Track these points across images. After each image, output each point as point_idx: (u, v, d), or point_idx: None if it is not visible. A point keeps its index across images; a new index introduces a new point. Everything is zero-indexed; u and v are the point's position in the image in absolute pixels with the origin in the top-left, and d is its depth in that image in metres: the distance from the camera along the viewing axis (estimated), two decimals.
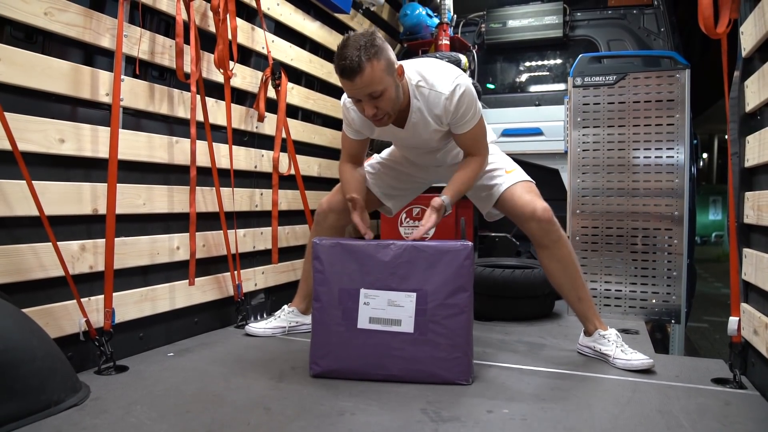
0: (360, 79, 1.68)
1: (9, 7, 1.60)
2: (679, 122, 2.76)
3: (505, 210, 2.09)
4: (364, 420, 1.47)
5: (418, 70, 1.87)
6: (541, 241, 2.03)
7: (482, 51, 4.21)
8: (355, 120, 1.99)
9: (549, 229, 2.00)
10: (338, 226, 2.23)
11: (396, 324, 1.75)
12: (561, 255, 2.03)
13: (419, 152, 2.13)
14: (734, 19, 1.69)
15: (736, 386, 1.76)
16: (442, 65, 1.90)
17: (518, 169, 2.13)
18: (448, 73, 1.85)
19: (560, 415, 1.52)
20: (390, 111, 1.79)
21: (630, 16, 3.90)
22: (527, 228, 2.03)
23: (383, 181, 2.22)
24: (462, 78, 1.84)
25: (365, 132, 2.03)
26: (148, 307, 2.10)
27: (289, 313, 2.36)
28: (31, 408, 1.41)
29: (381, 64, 1.69)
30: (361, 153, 2.13)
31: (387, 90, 1.74)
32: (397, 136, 1.99)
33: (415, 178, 2.27)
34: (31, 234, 1.68)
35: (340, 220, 2.21)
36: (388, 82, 1.73)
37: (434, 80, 1.84)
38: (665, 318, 2.79)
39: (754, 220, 1.77)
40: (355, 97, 1.77)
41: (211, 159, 2.32)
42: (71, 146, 1.80)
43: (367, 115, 1.78)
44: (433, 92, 1.84)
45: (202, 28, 2.32)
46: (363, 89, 1.71)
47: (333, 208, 2.20)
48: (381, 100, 1.74)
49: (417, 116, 1.88)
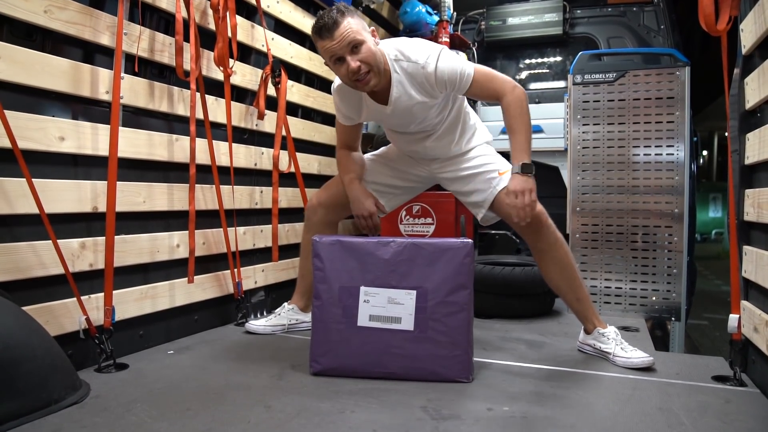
0: (338, 31, 1.75)
1: (9, 5, 1.60)
2: (679, 119, 2.76)
3: (500, 213, 2.05)
4: (364, 418, 1.47)
5: (395, 46, 1.91)
6: (537, 244, 2.03)
7: (482, 48, 4.20)
8: (342, 105, 2.04)
9: (545, 232, 1.99)
10: (328, 221, 2.23)
11: (396, 322, 1.75)
12: (558, 257, 2.02)
13: (410, 139, 2.12)
14: (734, 16, 1.69)
15: (736, 384, 1.76)
16: (418, 40, 1.94)
17: (509, 172, 2.08)
18: (422, 45, 1.91)
19: (561, 413, 1.52)
20: (372, 66, 1.81)
21: (630, 13, 3.89)
22: (522, 231, 2.02)
23: (376, 176, 2.21)
24: (435, 47, 1.89)
25: (354, 116, 2.06)
26: (148, 304, 2.10)
27: (289, 311, 2.36)
28: (31, 406, 1.41)
29: (355, 20, 1.80)
30: (355, 139, 2.16)
31: (366, 42, 1.79)
32: (383, 113, 1.98)
33: (409, 175, 2.23)
34: (31, 232, 1.68)
35: (329, 215, 2.22)
36: (366, 36, 1.81)
37: (410, 53, 1.88)
38: (665, 315, 2.80)
39: (754, 218, 1.77)
40: (336, 54, 1.79)
41: (211, 157, 2.32)
42: (71, 144, 1.80)
43: (351, 72, 1.79)
44: (410, 64, 1.88)
45: (201, 26, 2.31)
46: (342, 41, 1.76)
47: (322, 203, 2.21)
48: (362, 53, 1.78)
49: (399, 90, 1.90)
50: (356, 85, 1.85)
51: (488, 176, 2.06)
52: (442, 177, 2.20)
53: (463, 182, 2.12)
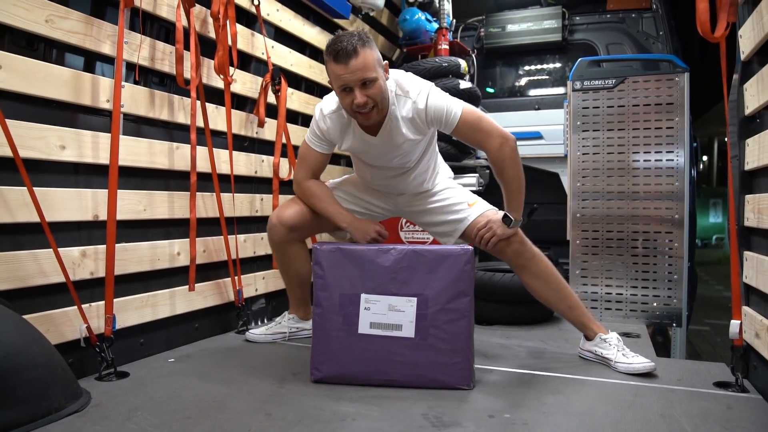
0: (355, 61, 1.72)
1: (10, 15, 1.61)
2: (679, 125, 2.77)
3: (472, 241, 2.05)
4: (365, 425, 1.47)
5: (395, 78, 1.91)
6: (517, 262, 2.03)
7: (481, 55, 4.22)
8: (329, 128, 1.97)
9: (521, 250, 2.00)
10: (290, 240, 2.16)
11: (397, 329, 1.75)
12: (539, 271, 2.03)
13: (386, 175, 2.09)
14: (732, 22, 1.70)
15: (738, 390, 1.75)
16: (411, 75, 1.95)
17: (480, 201, 2.11)
18: (417, 81, 1.91)
19: (562, 420, 1.52)
20: (379, 103, 1.81)
21: (629, 19, 3.91)
22: (499, 254, 2.03)
23: (342, 204, 2.13)
24: (427, 84, 1.90)
25: (335, 140, 2.01)
26: (149, 312, 2.10)
27: (289, 320, 2.36)
28: (32, 415, 1.40)
29: (373, 54, 1.77)
30: (322, 168, 2.11)
31: (378, 80, 1.78)
32: (368, 143, 1.95)
33: (372, 206, 2.20)
34: (32, 240, 1.68)
35: (291, 233, 2.13)
36: (379, 73, 1.78)
37: (406, 86, 1.89)
38: (666, 321, 2.79)
39: (754, 223, 1.77)
40: (347, 84, 1.76)
41: (212, 164, 2.32)
42: (72, 153, 1.81)
43: (357, 104, 1.77)
44: (403, 98, 1.88)
45: (202, 35, 2.32)
46: (356, 73, 1.74)
47: (283, 222, 2.12)
48: (372, 89, 1.77)
49: (392, 123, 1.89)
50: (356, 116, 1.85)
51: (457, 207, 2.09)
52: (408, 211, 2.21)
53: (431, 214, 2.14)
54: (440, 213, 2.11)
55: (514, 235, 1.98)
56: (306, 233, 2.23)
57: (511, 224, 1.95)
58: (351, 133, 1.98)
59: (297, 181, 2.11)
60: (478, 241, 2.02)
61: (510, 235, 1.97)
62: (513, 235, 1.98)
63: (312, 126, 2.03)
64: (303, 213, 2.12)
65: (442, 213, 2.11)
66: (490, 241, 1.98)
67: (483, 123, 1.90)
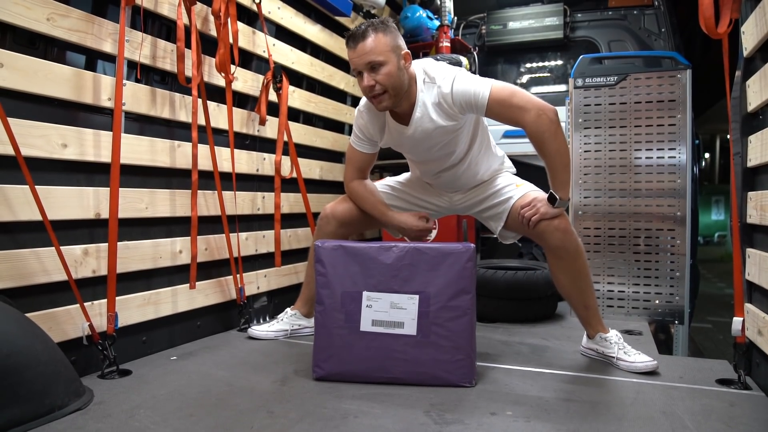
0: (362, 45, 1.76)
1: (11, 13, 1.61)
2: (681, 122, 2.76)
3: (518, 224, 1.99)
4: (367, 423, 1.47)
5: (423, 67, 1.91)
6: (558, 252, 1.93)
7: (483, 53, 4.22)
8: (366, 124, 2.00)
9: (563, 240, 1.90)
10: (338, 234, 2.17)
11: (399, 326, 1.75)
12: (574, 269, 1.95)
13: (430, 168, 2.09)
14: (735, 19, 1.69)
15: (740, 387, 1.75)
16: (441, 63, 1.94)
17: (527, 183, 2.08)
18: (444, 67, 1.90)
19: (564, 417, 1.52)
20: (388, 88, 1.81)
21: (630, 16, 3.90)
22: (540, 238, 1.95)
23: (392, 202, 2.17)
24: (454, 69, 1.88)
25: (375, 137, 2.03)
26: (151, 310, 2.10)
27: (291, 316, 2.36)
28: (34, 412, 1.41)
29: (386, 39, 1.78)
30: (368, 167, 2.13)
31: (388, 64, 1.78)
32: (403, 135, 1.96)
33: (426, 203, 2.20)
34: (34, 239, 1.69)
35: (341, 228, 2.17)
36: (390, 58, 1.79)
37: (434, 74, 1.88)
38: (668, 319, 2.79)
39: (757, 220, 1.77)
40: (356, 67, 1.82)
41: (213, 162, 2.32)
42: (74, 151, 1.81)
43: (363, 87, 1.81)
44: (430, 84, 1.88)
45: (203, 33, 2.32)
46: (363, 57, 1.77)
47: (337, 216, 2.17)
48: (379, 74, 1.78)
49: (421, 111, 1.88)
50: (371, 101, 1.87)
51: (505, 190, 2.05)
52: (463, 206, 2.18)
53: (483, 202, 2.11)
54: (491, 198, 2.08)
55: (560, 216, 1.89)
56: (355, 229, 2.26)
57: (556, 203, 1.86)
58: (387, 126, 1.99)
59: (345, 182, 2.16)
60: (521, 219, 1.94)
61: (555, 216, 1.87)
62: (558, 216, 1.88)
63: (353, 126, 2.07)
64: (353, 210, 2.15)
65: (492, 198, 2.07)
66: (532, 220, 1.88)
67: (516, 98, 1.80)
